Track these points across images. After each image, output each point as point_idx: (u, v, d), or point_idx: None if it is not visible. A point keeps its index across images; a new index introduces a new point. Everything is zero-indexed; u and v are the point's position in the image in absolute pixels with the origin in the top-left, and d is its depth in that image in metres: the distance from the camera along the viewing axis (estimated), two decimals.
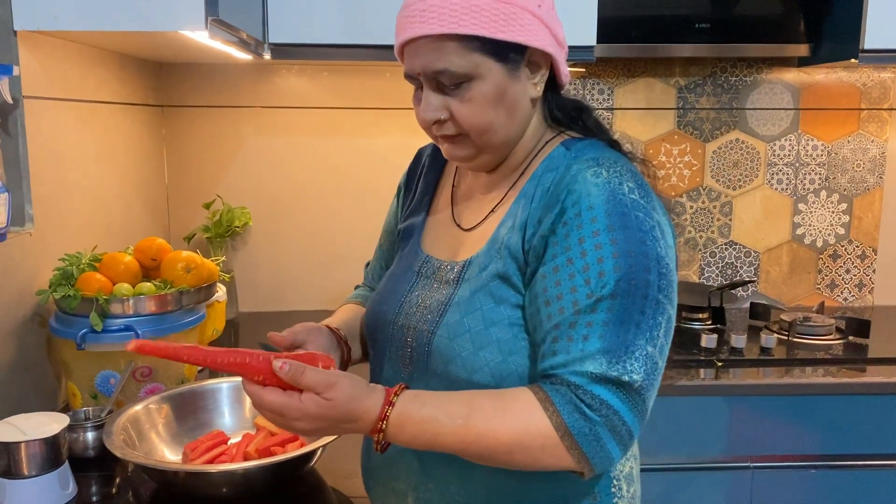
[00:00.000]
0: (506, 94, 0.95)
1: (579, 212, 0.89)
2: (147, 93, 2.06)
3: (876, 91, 2.28)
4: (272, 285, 2.29)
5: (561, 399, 0.84)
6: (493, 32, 0.91)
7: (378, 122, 2.23)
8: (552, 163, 0.97)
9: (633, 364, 0.84)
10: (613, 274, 0.86)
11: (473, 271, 0.98)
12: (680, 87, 2.27)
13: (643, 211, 0.90)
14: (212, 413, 1.38)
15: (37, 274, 1.45)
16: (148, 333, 1.39)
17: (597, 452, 0.84)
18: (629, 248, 0.87)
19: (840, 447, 1.78)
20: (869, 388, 1.76)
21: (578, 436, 0.83)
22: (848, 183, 2.33)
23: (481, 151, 0.99)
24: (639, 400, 0.85)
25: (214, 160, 2.23)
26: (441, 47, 0.92)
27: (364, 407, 0.86)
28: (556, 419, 0.83)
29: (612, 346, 0.84)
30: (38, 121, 1.45)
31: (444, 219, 1.10)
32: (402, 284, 1.07)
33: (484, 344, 0.92)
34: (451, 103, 0.95)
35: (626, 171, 0.92)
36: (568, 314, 0.86)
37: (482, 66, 0.92)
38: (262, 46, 1.78)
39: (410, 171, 1.22)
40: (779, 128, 2.30)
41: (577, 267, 0.87)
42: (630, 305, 0.85)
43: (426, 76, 0.95)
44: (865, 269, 2.38)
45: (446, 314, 0.96)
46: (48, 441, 1.11)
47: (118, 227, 1.84)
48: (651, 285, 0.87)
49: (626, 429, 0.84)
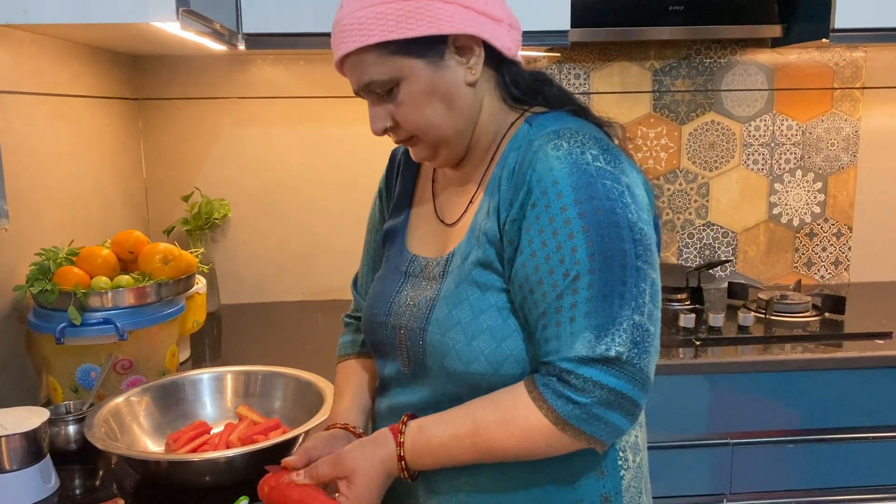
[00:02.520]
0: (436, 87, 0.94)
1: (545, 189, 0.88)
2: (122, 86, 2.05)
3: (848, 70, 2.31)
4: (253, 277, 2.29)
5: (551, 393, 0.86)
6: (401, 33, 0.91)
7: (355, 111, 2.22)
8: (515, 142, 0.97)
9: (620, 336, 0.84)
10: (586, 249, 0.85)
11: (456, 263, 0.98)
12: (655, 69, 2.28)
13: (610, 177, 0.88)
14: (193, 404, 1.38)
15: (13, 269, 1.44)
16: (127, 326, 1.39)
17: (600, 429, 0.86)
18: (599, 220, 0.86)
19: (818, 422, 1.81)
20: (845, 363, 1.79)
21: (577, 422, 0.85)
22: (822, 162, 2.36)
23: (437, 147, 0.99)
24: (633, 369, 0.85)
25: (192, 152, 2.22)
26: (361, 61, 0.94)
27: (382, 453, 0.93)
28: (552, 415, 0.86)
29: (597, 322, 0.85)
30: (11, 116, 1.44)
31: (426, 216, 1.10)
32: (390, 285, 1.06)
33: (476, 333, 0.92)
34: (391, 109, 0.96)
35: (588, 139, 0.91)
36: (550, 298, 0.87)
37: (403, 67, 0.93)
38: (237, 37, 1.77)
39: (387, 173, 1.21)
40: (753, 108, 2.32)
41: (551, 248, 0.87)
42: (610, 278, 0.85)
43: (361, 90, 0.98)
44: (841, 246, 2.41)
45: (434, 309, 0.97)
46: (29, 435, 1.12)
47: (96, 221, 1.83)
48: (627, 254, 0.86)
49: (627, 399, 0.85)
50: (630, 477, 1.00)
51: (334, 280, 2.28)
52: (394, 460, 0.93)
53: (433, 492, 1.01)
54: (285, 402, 1.36)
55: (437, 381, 0.97)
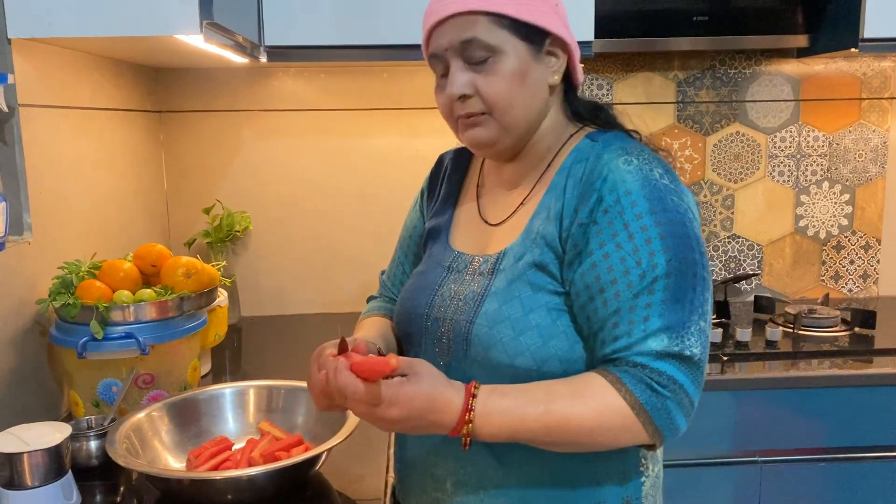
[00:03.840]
0: (528, 73, 0.99)
1: (618, 198, 0.92)
2: (144, 98, 2.05)
3: (876, 80, 2.27)
4: (274, 289, 2.28)
5: (631, 379, 0.88)
6: (519, 14, 0.97)
7: (376, 123, 2.22)
8: (580, 154, 1.01)
9: (690, 339, 0.89)
10: (663, 254, 0.90)
11: (509, 262, 1.01)
12: (679, 80, 2.25)
13: (675, 194, 0.94)
14: (215, 419, 1.37)
15: (36, 283, 1.44)
16: (149, 340, 1.38)
17: (667, 425, 0.89)
18: (672, 230, 0.91)
19: (848, 439, 1.76)
20: (876, 380, 1.75)
21: (652, 411, 0.88)
22: (850, 173, 2.32)
23: (503, 132, 1.01)
24: (698, 372, 0.89)
25: (213, 164, 2.22)
26: (471, 21, 0.97)
27: (447, 397, 0.89)
28: (630, 398, 0.88)
29: (671, 324, 0.88)
30: (35, 129, 1.44)
31: (470, 216, 1.14)
32: (431, 279, 1.10)
33: (524, 329, 0.95)
34: (477, 79, 0.99)
35: (653, 158, 0.97)
36: (625, 297, 0.90)
37: (508, 42, 0.97)
38: (258, 49, 1.77)
39: (433, 175, 1.27)
40: (779, 119, 2.28)
41: (627, 250, 0.91)
42: (683, 283, 0.90)
43: (453, 49, 0.99)
44: (870, 259, 2.37)
45: (484, 304, 0.99)
46: (51, 451, 1.11)
47: (117, 233, 1.83)
48: (697, 263, 0.91)
49: (689, 400, 0.90)
50: (649, 485, 1.03)
51: (354, 292, 2.27)
52: (457, 406, 0.89)
53: (460, 484, 1.02)
54: (308, 417, 1.34)
55: (474, 373, 0.98)
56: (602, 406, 0.89)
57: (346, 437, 1.18)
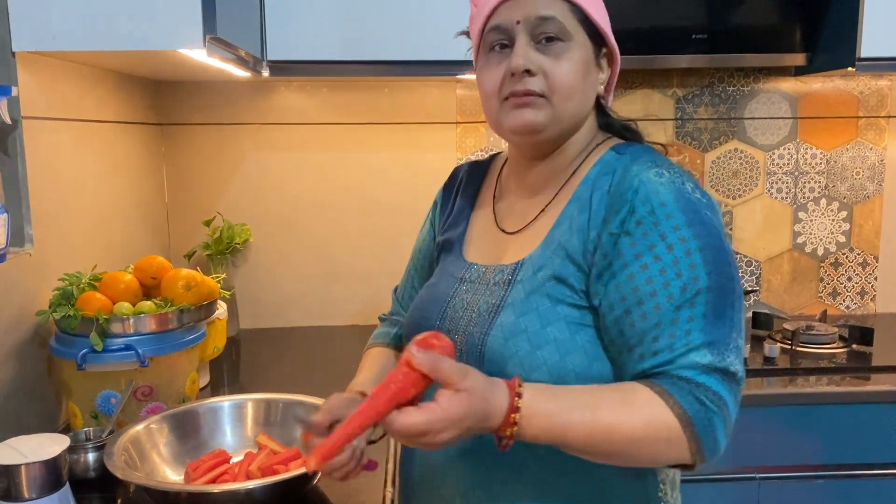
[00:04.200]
0: (588, 70, 1.00)
1: (652, 209, 0.90)
2: (146, 111, 2.07)
3: (873, 99, 2.29)
4: (273, 301, 2.28)
5: (679, 391, 0.85)
6: (593, 12, 0.99)
7: (377, 138, 2.23)
8: (606, 166, 0.99)
9: (731, 356, 0.86)
10: (703, 267, 0.88)
11: (527, 273, 0.98)
12: (678, 97, 2.27)
13: (708, 209, 0.92)
14: (213, 432, 1.37)
15: (36, 294, 1.44)
16: (149, 352, 1.38)
17: (710, 442, 0.85)
18: (710, 242, 0.89)
19: (846, 456, 1.76)
20: (874, 397, 1.75)
21: (699, 426, 0.84)
22: (847, 191, 2.33)
23: (553, 121, 0.98)
24: (738, 390, 0.87)
25: (214, 177, 2.23)
26: (551, 2, 0.97)
27: (496, 398, 0.83)
28: (679, 410, 0.84)
29: (714, 339, 0.86)
30: (37, 141, 1.45)
31: (486, 226, 1.12)
32: (443, 290, 1.07)
33: (541, 343, 0.92)
34: (544, 61, 0.97)
35: (684, 173, 0.95)
36: (666, 310, 0.87)
37: (579, 34, 0.98)
38: (261, 64, 1.78)
39: (446, 187, 1.24)
40: (777, 137, 2.30)
41: (666, 262, 0.88)
42: (723, 298, 0.88)
43: (527, 23, 0.97)
44: (867, 276, 2.38)
45: (499, 315, 0.96)
46: (49, 463, 1.10)
47: (118, 245, 1.84)
48: (734, 279, 0.89)
49: (731, 418, 0.86)
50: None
51: (354, 305, 2.28)
52: (503, 406, 0.83)
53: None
54: None
55: None
56: (650, 416, 0.84)
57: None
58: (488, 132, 2.20)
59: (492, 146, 2.20)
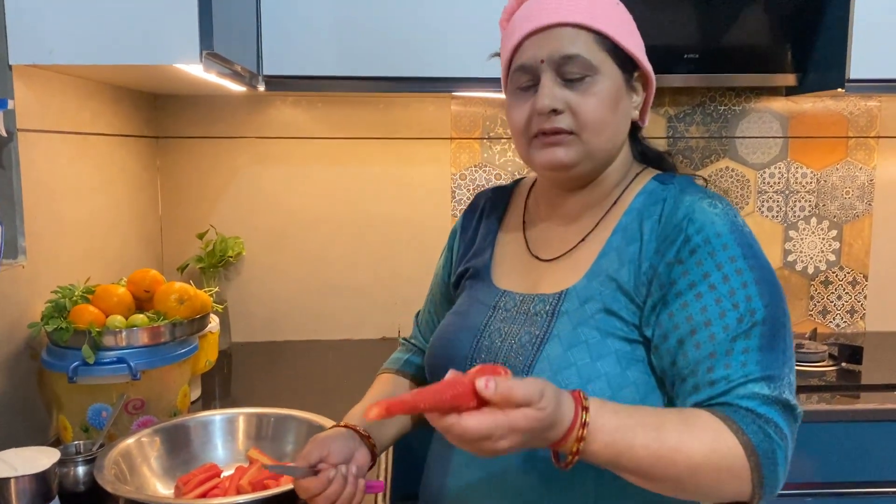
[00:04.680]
0: (621, 100, 0.97)
1: (707, 239, 0.89)
2: (142, 125, 2.07)
3: (863, 119, 2.31)
4: (265, 316, 2.28)
5: (742, 420, 0.82)
6: (621, 38, 0.96)
7: (372, 153, 2.24)
8: (653, 196, 0.98)
9: (787, 389, 0.85)
10: (760, 299, 0.87)
11: (573, 304, 0.95)
12: (670, 116, 2.29)
13: (758, 243, 0.92)
14: (204, 446, 1.37)
15: (29, 306, 1.44)
16: (141, 365, 1.38)
17: (772, 476, 0.82)
18: (765, 276, 0.89)
19: (837, 474, 1.77)
20: (863, 415, 1.76)
21: (763, 457, 0.81)
22: (838, 210, 2.35)
23: (585, 157, 0.97)
24: (796, 425, 0.85)
25: (208, 191, 2.23)
26: (576, 36, 0.94)
27: (563, 409, 0.78)
28: (743, 437, 0.81)
29: (770, 373, 0.84)
30: (33, 154, 1.45)
31: (516, 252, 1.08)
32: (475, 320, 1.03)
33: (592, 377, 0.89)
34: (571, 97, 0.95)
35: (732, 207, 0.95)
36: (721, 339, 0.85)
37: (606, 64, 0.95)
38: (257, 79, 1.79)
39: (467, 214, 1.21)
40: (768, 156, 2.32)
41: (723, 292, 0.87)
42: (777, 332, 0.86)
43: (552, 62, 0.95)
44: (857, 295, 2.39)
45: (545, 347, 0.93)
46: (38, 477, 1.10)
47: (112, 258, 1.84)
48: (786, 314, 0.89)
49: (789, 453, 0.84)
50: None
51: (347, 320, 2.28)
52: (568, 418, 0.77)
53: None
54: (298, 445, 1.34)
55: None
56: (714, 442, 0.80)
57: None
58: (482, 148, 2.21)
59: (486, 162, 2.22)
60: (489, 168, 2.22)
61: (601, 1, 0.97)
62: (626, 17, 1.00)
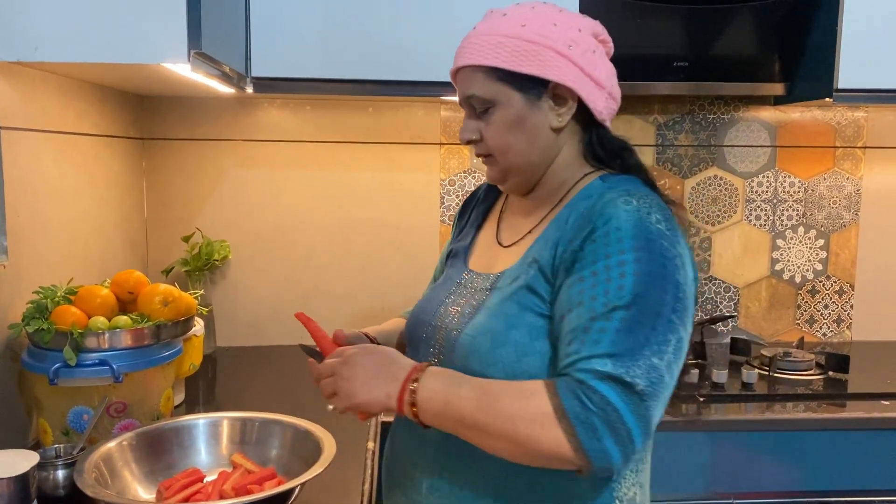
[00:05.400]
0: (525, 120, 1.06)
1: (608, 231, 0.96)
2: (127, 125, 2.05)
3: (850, 129, 2.33)
4: (251, 320, 2.26)
5: (564, 387, 0.90)
6: (512, 66, 1.03)
7: (360, 157, 2.23)
8: (588, 192, 1.07)
9: (636, 370, 0.89)
10: (632, 289, 0.92)
11: (505, 282, 1.08)
12: (659, 124, 2.30)
13: (668, 241, 0.97)
14: (187, 450, 1.34)
15: (9, 307, 1.42)
16: (123, 368, 1.36)
17: (593, 444, 0.87)
18: (650, 269, 0.94)
19: (822, 483, 1.77)
20: (850, 424, 1.76)
21: (574, 420, 0.87)
22: (825, 219, 2.36)
23: (507, 172, 1.11)
24: (641, 405, 0.88)
25: (194, 193, 2.21)
26: (472, 76, 1.07)
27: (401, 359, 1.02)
28: (556, 401, 0.89)
29: (619, 352, 0.90)
30: (15, 152, 1.43)
31: (488, 239, 1.22)
32: (442, 292, 1.18)
33: (502, 343, 1.01)
34: (481, 126, 1.09)
35: (655, 205, 1.00)
36: (584, 319, 0.93)
37: (503, 94, 1.05)
38: (245, 80, 1.78)
39: (466, 202, 1.36)
40: (756, 164, 2.33)
41: (600, 279, 0.94)
42: (642, 319, 0.91)
43: (463, 100, 1.10)
44: (843, 304, 2.40)
45: (475, 317, 1.07)
46: (17, 480, 1.08)
47: (95, 259, 1.82)
48: (665, 304, 0.93)
49: (626, 430, 0.88)
50: None
51: (333, 324, 2.24)
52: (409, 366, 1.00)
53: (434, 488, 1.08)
54: (282, 450, 1.33)
55: None
56: (527, 402, 0.91)
57: (320, 471, 1.16)
58: (471, 154, 2.21)
59: (475, 167, 2.21)
60: (478, 174, 2.22)
61: (501, 33, 1.04)
62: (529, 42, 1.04)
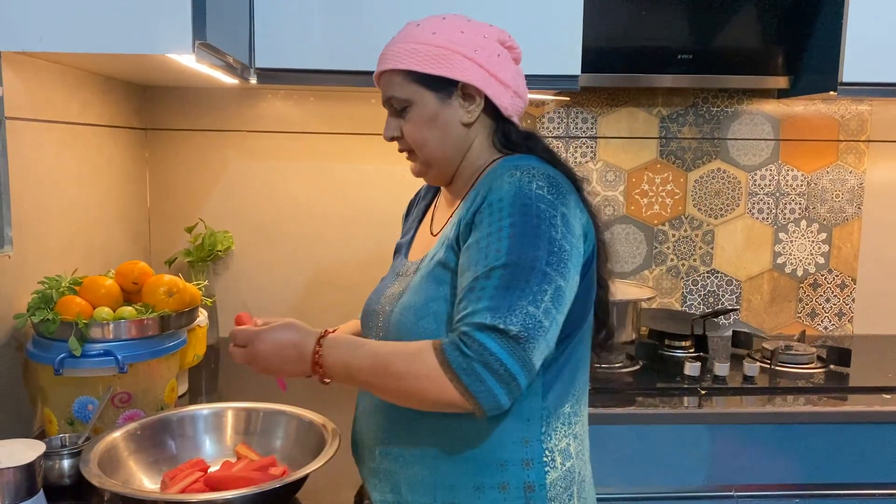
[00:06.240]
0: (438, 117, 1.17)
1: (491, 202, 1.07)
2: (131, 116, 2.05)
3: (854, 123, 2.32)
4: (254, 310, 2.24)
5: (448, 343, 1.00)
6: (424, 68, 1.15)
7: (363, 148, 2.23)
8: (491, 172, 1.15)
9: (512, 318, 0.98)
10: (508, 250, 1.02)
11: (427, 263, 1.17)
12: (662, 116, 2.29)
13: (546, 203, 1.06)
14: (192, 440, 1.35)
15: (14, 297, 1.42)
16: (128, 358, 1.37)
17: (476, 386, 0.97)
18: (524, 230, 1.03)
19: (823, 476, 1.78)
20: (851, 417, 1.77)
21: (458, 369, 0.97)
22: (827, 213, 2.36)
23: (427, 165, 1.21)
24: (518, 348, 0.98)
25: (198, 184, 2.21)
26: (391, 79, 1.18)
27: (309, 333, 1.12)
28: (441, 356, 0.99)
29: (496, 305, 0.99)
30: (21, 142, 1.43)
31: (425, 231, 1.32)
32: (385, 283, 1.28)
33: (423, 315, 1.11)
34: (401, 124, 1.20)
35: (540, 174, 1.09)
36: (469, 281, 1.03)
37: (417, 94, 1.16)
38: (249, 71, 1.78)
39: (411, 201, 1.47)
40: (759, 158, 2.33)
41: (483, 245, 1.05)
42: (517, 274, 1.01)
43: (385, 102, 1.21)
44: (845, 298, 2.41)
45: (403, 296, 1.17)
46: (23, 469, 1.08)
47: (99, 250, 1.82)
48: (538, 259, 1.02)
49: (506, 370, 0.97)
50: (556, 476, 1.12)
51: (336, 315, 2.26)
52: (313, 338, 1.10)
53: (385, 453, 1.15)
54: (286, 441, 1.33)
55: None
56: (415, 358, 1.00)
57: (324, 462, 1.17)
58: None
59: None
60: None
61: (415, 40, 1.16)
62: (439, 47, 1.14)
